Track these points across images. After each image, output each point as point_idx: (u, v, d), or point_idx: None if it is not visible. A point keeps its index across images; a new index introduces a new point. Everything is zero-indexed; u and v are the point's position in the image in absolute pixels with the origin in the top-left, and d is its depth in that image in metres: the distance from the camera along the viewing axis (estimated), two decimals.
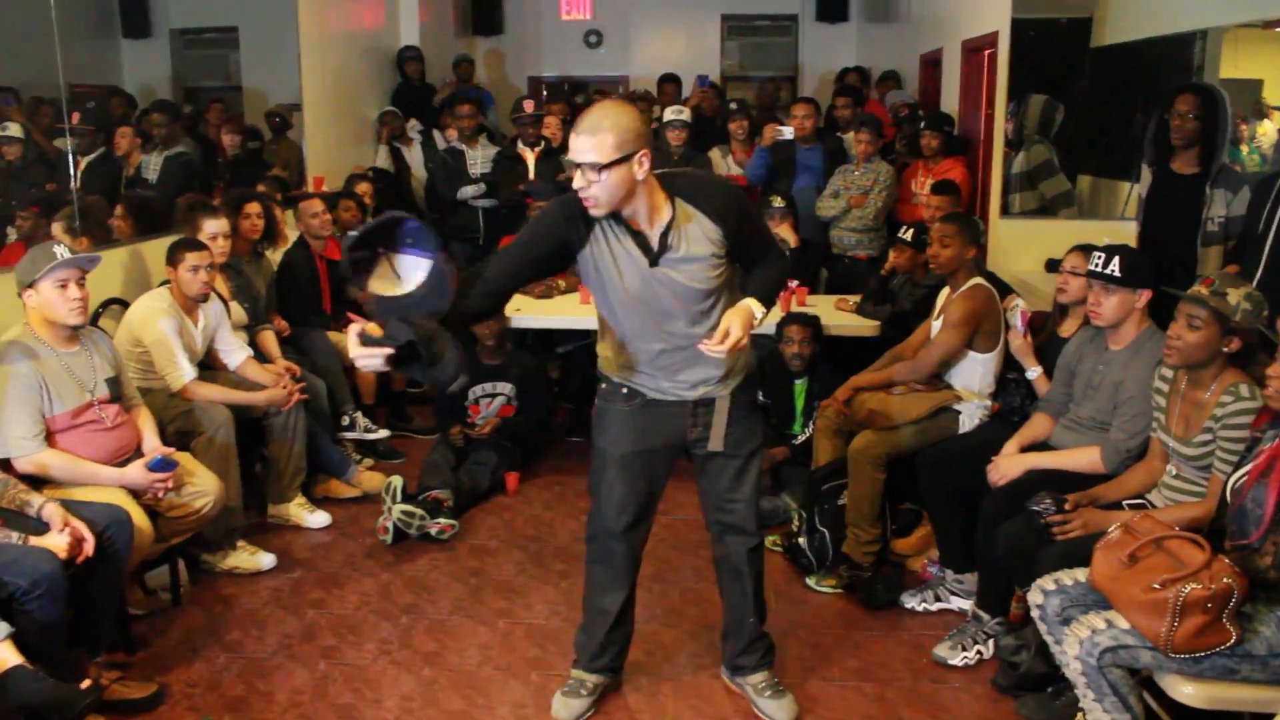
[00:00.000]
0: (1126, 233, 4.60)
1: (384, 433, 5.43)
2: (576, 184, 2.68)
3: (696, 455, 3.16)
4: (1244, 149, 6.81)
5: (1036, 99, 6.24)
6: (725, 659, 3.43)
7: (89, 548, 3.08)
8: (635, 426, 3.09)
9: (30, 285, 3.40)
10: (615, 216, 2.80)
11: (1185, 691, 2.64)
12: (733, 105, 7.49)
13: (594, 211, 2.73)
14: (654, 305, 2.89)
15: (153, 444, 3.74)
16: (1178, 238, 4.20)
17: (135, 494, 3.50)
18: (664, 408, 3.07)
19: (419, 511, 4.46)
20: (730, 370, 3.04)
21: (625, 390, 3.09)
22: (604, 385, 3.16)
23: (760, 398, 4.86)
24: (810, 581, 4.12)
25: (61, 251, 3.42)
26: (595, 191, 2.66)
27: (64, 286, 3.41)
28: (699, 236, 2.83)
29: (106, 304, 4.61)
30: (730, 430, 3.08)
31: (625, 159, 2.63)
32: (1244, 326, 2.97)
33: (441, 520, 4.52)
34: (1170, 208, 4.25)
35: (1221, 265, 4.14)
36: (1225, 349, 2.99)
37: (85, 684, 2.94)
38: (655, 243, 2.82)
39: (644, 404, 3.07)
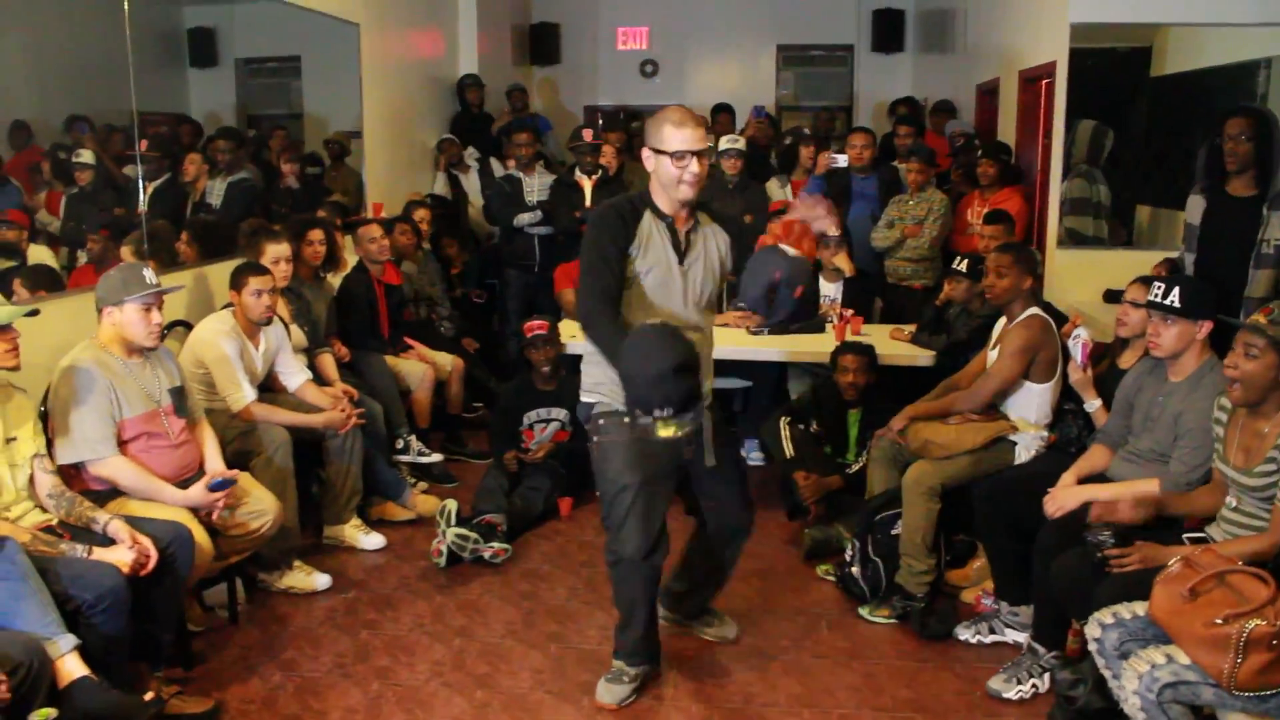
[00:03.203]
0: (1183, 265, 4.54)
1: (438, 456, 5.47)
2: (691, 168, 3.13)
3: (692, 472, 3.50)
4: None
5: (1085, 125, 6.19)
6: (689, 610, 3.88)
7: (152, 563, 3.14)
8: (642, 456, 3.26)
9: (116, 304, 3.51)
10: (660, 213, 3.26)
11: None
12: (805, 130, 7.52)
13: (692, 194, 3.20)
14: (674, 302, 3.27)
15: (215, 464, 3.81)
16: (1233, 261, 4.15)
17: (196, 512, 3.56)
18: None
19: (473, 535, 4.49)
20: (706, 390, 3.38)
21: (629, 421, 3.17)
22: (602, 416, 3.34)
23: (814, 426, 4.90)
24: (863, 612, 4.09)
25: (149, 276, 3.55)
26: (703, 173, 3.18)
27: (148, 310, 3.54)
28: (714, 243, 3.35)
29: (171, 325, 4.69)
30: (715, 441, 3.46)
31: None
32: None
33: (495, 544, 4.55)
34: (1226, 231, 4.21)
35: (1273, 291, 4.10)
36: None
37: (148, 696, 2.99)
38: (683, 241, 3.28)
39: (645, 429, 3.14)
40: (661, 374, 2.88)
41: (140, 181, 4.81)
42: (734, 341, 5.22)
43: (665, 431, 2.91)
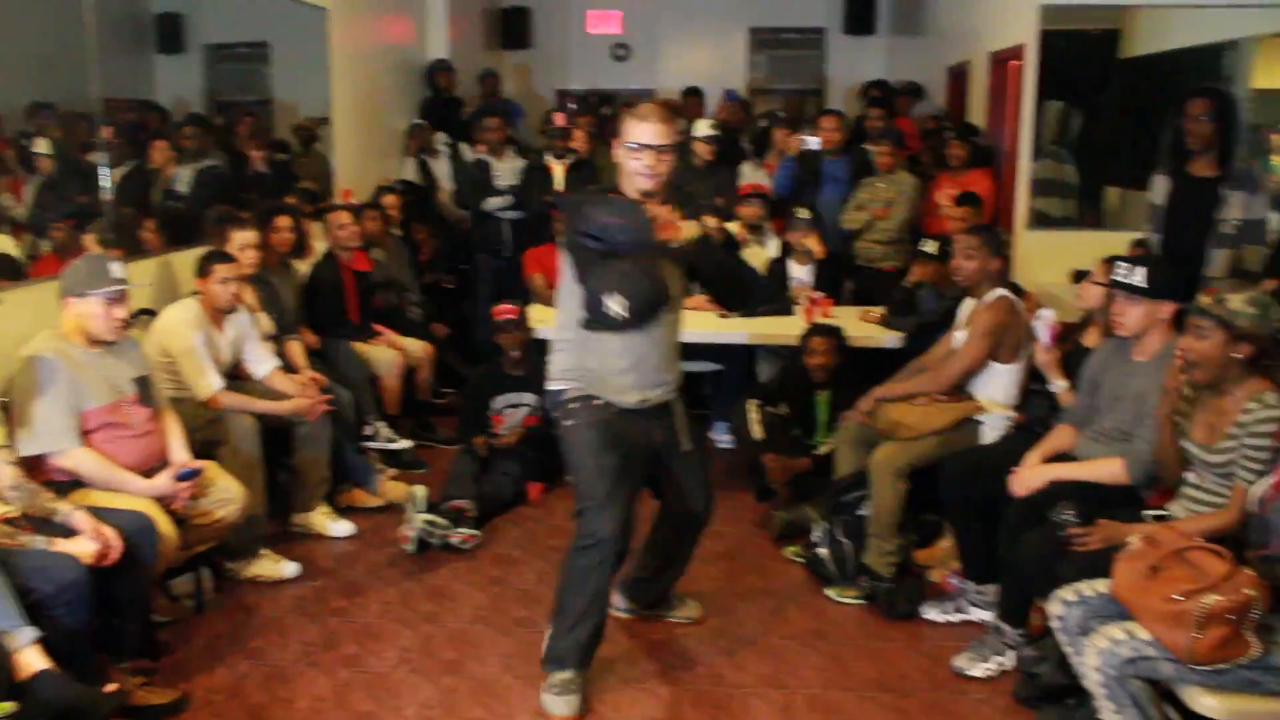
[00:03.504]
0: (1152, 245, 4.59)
1: (407, 443, 5.45)
2: (647, 163, 3.14)
3: (666, 457, 3.49)
4: (1275, 159, 6.78)
5: (1052, 106, 6.23)
6: (651, 598, 3.88)
7: (115, 554, 3.11)
8: (613, 435, 3.28)
9: (79, 295, 3.48)
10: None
11: (1207, 704, 2.63)
12: (780, 114, 7.49)
13: (649, 185, 3.17)
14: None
15: (180, 454, 3.78)
16: (1197, 241, 4.21)
17: (161, 501, 3.54)
18: (631, 416, 3.31)
19: (442, 521, 4.48)
20: (675, 376, 3.45)
21: (598, 402, 3.29)
22: (572, 401, 3.32)
23: (783, 409, 4.91)
24: (831, 592, 4.11)
25: (116, 270, 3.51)
26: (664, 170, 3.17)
27: (111, 304, 3.50)
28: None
29: (136, 314, 4.64)
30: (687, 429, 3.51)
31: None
32: (1252, 332, 2.94)
33: (464, 530, 4.54)
34: (1189, 211, 4.27)
35: (1231, 267, 4.16)
36: (1236, 355, 2.97)
37: (111, 688, 2.97)
38: None
39: (617, 413, 3.29)
40: (619, 269, 3.03)
41: (105, 169, 4.76)
42: (704, 325, 5.22)
43: (615, 305, 2.98)
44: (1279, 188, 6.47)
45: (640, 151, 3.15)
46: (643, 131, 3.15)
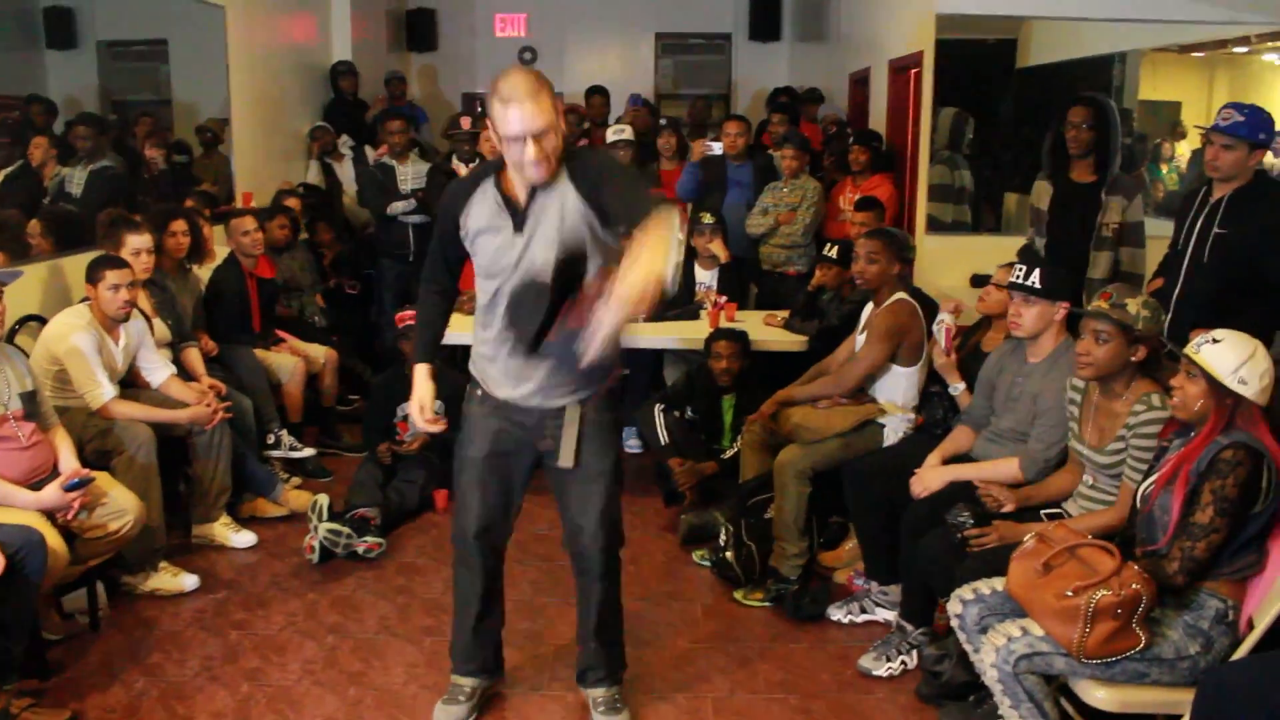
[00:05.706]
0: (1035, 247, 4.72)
1: (310, 451, 5.37)
2: (529, 153, 2.67)
3: (548, 469, 3.13)
4: (1164, 168, 7.02)
5: (946, 112, 6.36)
6: (575, 666, 3.40)
7: None
8: (488, 430, 3.10)
9: None
10: (497, 179, 2.87)
11: (1098, 696, 2.71)
12: (662, 121, 7.52)
13: (541, 175, 2.75)
14: (510, 285, 2.87)
15: (70, 464, 3.66)
16: (1079, 244, 4.37)
17: (49, 515, 3.42)
18: (513, 412, 3.05)
19: (346, 530, 4.42)
20: (582, 381, 2.96)
21: (480, 392, 3.12)
22: (469, 386, 3.18)
23: (689, 413, 4.94)
24: (738, 595, 4.14)
25: None
26: (552, 149, 2.72)
27: None
28: (569, 208, 2.80)
29: (23, 320, 4.52)
30: (581, 446, 3.04)
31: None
32: (1146, 335, 3.06)
33: (369, 539, 4.48)
34: (1071, 216, 4.43)
35: (1111, 269, 4.31)
36: (1133, 358, 3.07)
37: None
38: (521, 207, 2.85)
39: (496, 406, 3.07)
40: None
41: None
42: None
43: None
44: (1167, 194, 6.73)
45: (519, 143, 2.68)
46: (512, 118, 2.65)
